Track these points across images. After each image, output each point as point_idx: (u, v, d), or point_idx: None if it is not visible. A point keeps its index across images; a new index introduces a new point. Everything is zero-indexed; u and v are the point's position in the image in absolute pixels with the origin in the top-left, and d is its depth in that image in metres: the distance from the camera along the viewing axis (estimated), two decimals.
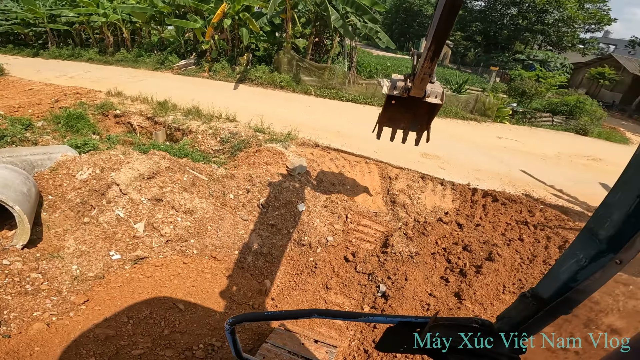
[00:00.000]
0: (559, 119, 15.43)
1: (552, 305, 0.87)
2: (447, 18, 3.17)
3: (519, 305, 0.94)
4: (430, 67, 3.84)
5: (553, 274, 0.87)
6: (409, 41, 36.62)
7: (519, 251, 5.93)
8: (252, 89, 13.74)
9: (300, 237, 5.76)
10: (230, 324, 1.05)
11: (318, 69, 14.28)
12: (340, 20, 12.63)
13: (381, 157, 8.23)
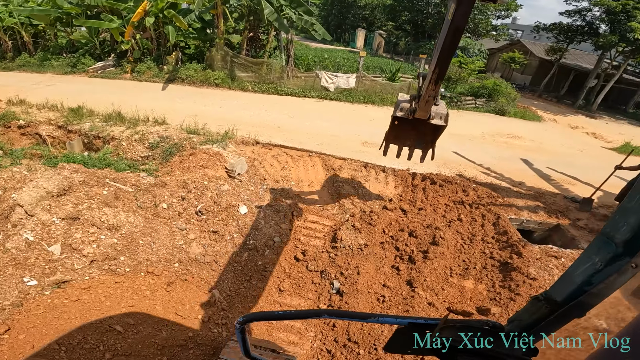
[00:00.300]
0: (480, 102, 16.77)
1: (566, 308, 0.86)
2: (451, 42, 3.32)
3: (531, 307, 0.94)
4: (435, 89, 3.97)
5: (567, 277, 0.86)
6: (345, 32, 37.13)
7: (459, 231, 6.27)
8: (183, 89, 12.85)
9: (246, 241, 5.49)
10: (240, 322, 1.04)
11: (254, 64, 13.82)
12: (275, 14, 12.33)
13: (323, 149, 8.18)
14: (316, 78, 13.62)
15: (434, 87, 3.94)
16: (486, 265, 5.54)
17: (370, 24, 35.47)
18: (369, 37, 33.31)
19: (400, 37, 31.78)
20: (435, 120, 4.69)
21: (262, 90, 12.85)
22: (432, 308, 4.70)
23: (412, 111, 4.67)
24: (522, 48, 27.41)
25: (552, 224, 6.87)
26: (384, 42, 33.45)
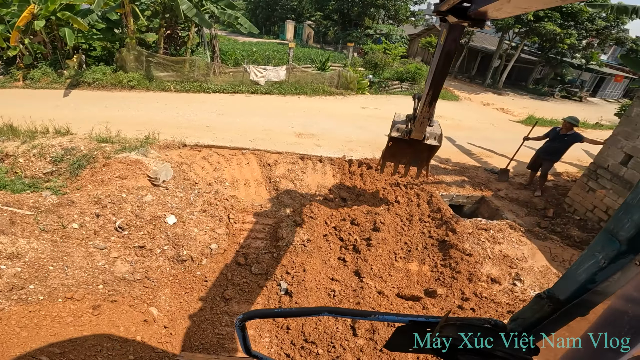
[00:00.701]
0: (406, 85, 17.67)
1: (569, 306, 0.85)
2: (443, 64, 3.50)
3: (534, 306, 0.93)
4: (429, 111, 4.12)
5: (570, 275, 0.85)
6: (274, 24, 36.35)
7: (398, 214, 6.46)
8: (91, 94, 11.42)
9: (179, 252, 5.05)
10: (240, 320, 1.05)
11: (175, 62, 12.82)
12: (194, 9, 11.56)
13: (257, 145, 7.86)
14: (245, 73, 13.09)
15: (429, 108, 4.09)
16: (427, 245, 5.76)
17: (299, 15, 35.23)
18: (298, 28, 33.05)
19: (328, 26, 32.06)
20: (430, 141, 4.86)
21: (185, 90, 11.96)
22: (383, 297, 4.76)
23: (407, 132, 4.83)
24: (437, 33, 29.24)
25: (478, 197, 7.44)
26: (314, 33, 33.51)
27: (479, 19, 2.61)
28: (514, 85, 26.65)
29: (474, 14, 2.51)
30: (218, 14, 12.99)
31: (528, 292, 4.91)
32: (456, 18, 2.66)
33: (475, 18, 2.59)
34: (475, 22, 2.65)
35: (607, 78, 28.68)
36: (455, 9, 2.60)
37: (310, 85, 14.25)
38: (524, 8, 1.88)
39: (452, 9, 2.63)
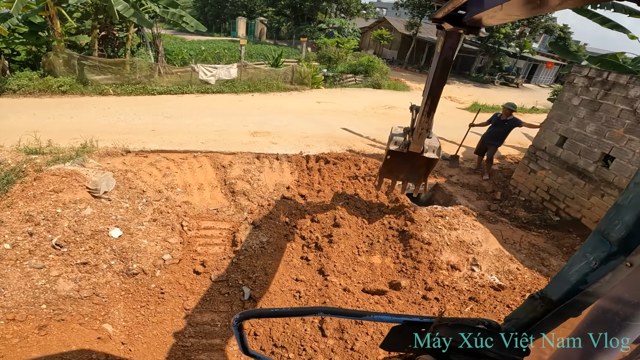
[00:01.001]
0: (359, 78, 17.91)
1: (561, 307, 0.85)
2: (441, 72, 3.45)
3: (527, 306, 0.93)
4: (428, 122, 4.02)
5: (562, 275, 0.86)
6: (225, 22, 35.08)
7: (358, 207, 6.48)
8: (17, 102, 10.23)
9: (128, 266, 4.71)
10: (237, 319, 1.05)
11: (113, 64, 11.90)
12: (131, 9, 10.85)
13: (210, 147, 7.51)
14: (193, 72, 12.47)
15: (427, 119, 3.97)
16: (388, 237, 5.81)
17: (251, 12, 34.35)
18: (250, 24, 32.20)
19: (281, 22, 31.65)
20: (429, 154, 4.67)
21: (127, 93, 11.13)
22: (348, 294, 4.75)
23: (406, 144, 4.65)
24: (387, 25, 30.05)
25: (433, 184, 7.70)
26: (266, 29, 32.89)
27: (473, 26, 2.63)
28: (459, 74, 28.08)
29: (469, 21, 2.53)
30: (160, 13, 12.38)
31: (486, 277, 5.11)
32: (452, 25, 2.67)
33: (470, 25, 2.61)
34: (470, 29, 2.68)
35: (540, 65, 31.18)
36: (450, 16, 2.61)
37: (263, 82, 13.94)
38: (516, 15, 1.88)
39: (448, 17, 2.62)
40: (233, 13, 33.29)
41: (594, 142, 6.07)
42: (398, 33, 28.85)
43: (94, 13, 11.87)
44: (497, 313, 4.50)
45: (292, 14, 30.34)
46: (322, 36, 23.94)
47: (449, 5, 2.44)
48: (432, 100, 3.78)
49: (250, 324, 4.43)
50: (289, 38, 30.05)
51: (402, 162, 5.19)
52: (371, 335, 4.14)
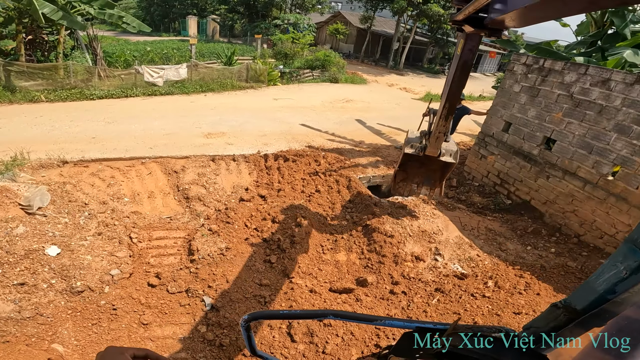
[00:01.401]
0: (317, 73, 17.83)
1: (586, 317, 0.82)
2: (460, 75, 3.39)
3: (548, 315, 0.90)
4: (445, 125, 3.98)
5: (589, 285, 0.83)
6: (174, 21, 33.31)
7: (320, 203, 6.40)
8: None
9: (71, 284, 4.36)
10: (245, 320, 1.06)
11: (44, 69, 10.88)
12: (60, 12, 10.09)
13: (159, 152, 7.06)
14: (137, 74, 11.69)
15: (445, 122, 3.93)
16: (352, 232, 5.75)
17: (202, 10, 32.94)
18: (202, 23, 30.87)
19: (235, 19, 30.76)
20: (445, 158, 4.59)
21: (61, 98, 10.17)
22: (315, 295, 4.64)
23: (422, 148, 4.57)
24: (343, 19, 30.19)
25: (393, 175, 7.79)
26: (219, 27, 31.77)
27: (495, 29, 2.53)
28: (412, 65, 28.93)
29: (491, 23, 2.44)
30: (96, 15, 11.61)
31: (449, 266, 5.21)
32: (473, 28, 2.59)
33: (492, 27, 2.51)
34: (492, 31, 2.58)
35: (484, 55, 32.92)
36: (471, 18, 2.52)
37: (217, 81, 13.41)
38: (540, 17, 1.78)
39: (468, 19, 2.54)
40: (182, 12, 31.76)
41: (536, 126, 6.43)
42: (353, 27, 29.09)
43: (17, 17, 10.83)
44: (462, 303, 4.59)
45: (246, 11, 29.57)
46: (277, 32, 23.55)
47: (469, 7, 2.35)
48: (451, 104, 3.77)
49: (216, 334, 4.23)
50: (243, 35, 29.30)
51: (418, 166, 5.14)
52: (342, 337, 4.08)
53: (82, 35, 12.90)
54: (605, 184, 5.46)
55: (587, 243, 5.79)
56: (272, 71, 15.43)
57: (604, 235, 5.55)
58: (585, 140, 5.66)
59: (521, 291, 4.75)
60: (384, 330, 4.15)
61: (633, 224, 5.15)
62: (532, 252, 5.61)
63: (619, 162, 5.25)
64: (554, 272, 5.20)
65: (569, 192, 5.94)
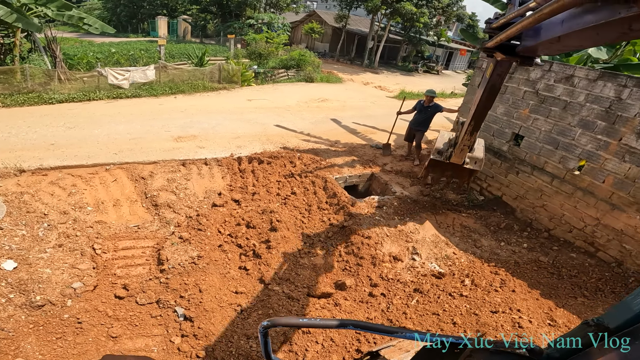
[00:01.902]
0: (292, 72, 17.68)
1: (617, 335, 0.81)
2: (487, 98, 3.54)
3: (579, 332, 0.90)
4: (470, 139, 4.27)
5: (625, 304, 0.85)
6: (142, 22, 32.13)
7: (296, 206, 6.27)
8: None
9: (30, 298, 4.11)
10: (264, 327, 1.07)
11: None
12: (15, 14, 9.60)
13: (125, 157, 6.72)
14: (100, 77, 11.15)
15: (470, 137, 4.21)
16: (329, 235, 5.67)
17: (173, 10, 31.96)
18: (172, 24, 29.94)
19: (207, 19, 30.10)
20: (470, 165, 4.94)
21: (18, 103, 9.53)
22: (293, 301, 4.51)
23: (447, 156, 4.88)
24: (318, 18, 30.12)
25: (369, 174, 7.77)
26: (191, 27, 30.99)
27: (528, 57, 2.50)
28: (387, 63, 29.27)
29: (523, 51, 2.40)
30: (54, 17, 11.14)
31: (427, 265, 5.20)
32: (504, 55, 2.56)
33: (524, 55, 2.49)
34: (524, 59, 2.55)
35: (455, 52, 33.81)
36: (503, 45, 2.49)
37: (187, 82, 13.00)
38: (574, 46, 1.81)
39: (500, 46, 2.51)
40: (151, 12, 30.71)
41: (505, 123, 6.57)
42: (329, 26, 29.08)
43: None
44: (441, 303, 4.58)
45: (219, 11, 28.98)
46: (251, 32, 23.18)
47: (502, 35, 2.31)
48: (476, 122, 3.98)
49: (191, 345, 4.06)
50: (216, 36, 28.72)
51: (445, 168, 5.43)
52: (321, 344, 3.98)
53: (40, 37, 12.25)
54: (572, 179, 5.63)
55: (557, 237, 5.94)
56: (245, 71, 15.14)
57: (572, 229, 5.72)
58: (552, 135, 5.82)
59: (497, 288, 4.80)
60: (364, 335, 4.08)
61: (600, 217, 5.33)
62: (506, 248, 5.71)
63: (585, 156, 5.43)
64: (527, 268, 5.30)
65: (538, 187, 6.10)
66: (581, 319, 4.40)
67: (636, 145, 4.84)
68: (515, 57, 2.61)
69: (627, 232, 5.06)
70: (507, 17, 2.40)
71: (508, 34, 2.20)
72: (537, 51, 2.27)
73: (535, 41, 2.06)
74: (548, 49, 2.09)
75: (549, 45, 1.89)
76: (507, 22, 2.39)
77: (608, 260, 5.34)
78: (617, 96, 4.98)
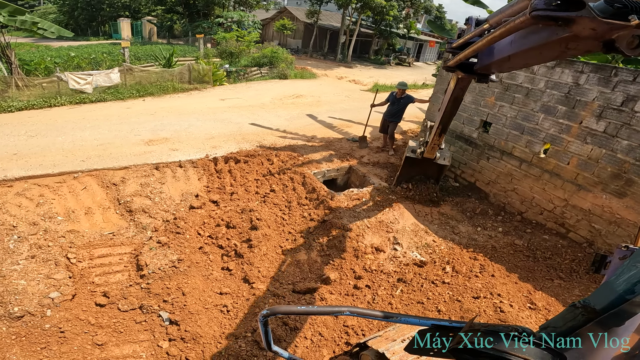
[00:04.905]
0: (265, 70, 17.50)
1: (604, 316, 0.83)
2: (452, 108, 4.05)
3: (567, 315, 0.91)
4: (440, 140, 5.01)
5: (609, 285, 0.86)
6: (102, 24, 30.73)
7: (276, 203, 6.24)
8: None
9: (8, 310, 3.99)
10: (264, 315, 1.11)
11: None
12: None
13: (93, 164, 6.46)
14: (60, 82, 10.63)
15: (439, 138, 4.93)
16: (310, 230, 5.68)
17: (135, 12, 30.74)
18: (136, 25, 28.83)
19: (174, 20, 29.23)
20: (440, 160, 5.88)
21: None
22: (279, 299, 4.50)
23: (421, 153, 5.74)
24: (289, 15, 29.88)
25: (346, 167, 7.84)
26: (157, 28, 29.99)
27: (484, 74, 2.80)
28: (359, 57, 29.49)
29: (480, 69, 2.68)
30: (5, 22, 10.53)
31: (408, 254, 5.29)
32: (464, 73, 2.86)
33: (480, 73, 2.78)
34: (481, 76, 2.85)
35: (425, 44, 34.50)
36: (462, 64, 2.81)
37: (156, 84, 12.60)
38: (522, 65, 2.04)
39: (460, 65, 2.81)
40: (112, 15, 29.44)
41: (473, 111, 6.80)
42: (300, 22, 28.91)
43: None
44: (424, 291, 4.68)
45: (186, 11, 28.21)
46: (220, 31, 22.71)
47: (460, 55, 2.56)
48: (444, 126, 4.63)
49: (180, 349, 4.02)
50: (184, 36, 27.98)
51: (417, 168, 6.37)
52: (310, 339, 4.02)
53: None
54: (538, 162, 5.91)
55: (530, 220, 6.18)
56: (217, 71, 14.85)
57: (543, 211, 5.99)
58: (517, 121, 6.09)
59: (477, 274, 4.94)
60: (352, 328, 4.14)
61: (569, 198, 5.59)
62: (483, 233, 5.90)
63: (549, 140, 5.71)
64: (504, 252, 5.47)
65: (508, 171, 6.37)
66: (559, 301, 4.60)
67: (596, 127, 5.12)
68: (473, 75, 2.89)
69: (595, 212, 5.31)
70: (464, 38, 2.62)
71: (466, 54, 2.42)
72: (491, 69, 2.52)
73: (489, 60, 2.27)
74: (500, 67, 2.34)
75: (501, 64, 2.11)
76: (465, 42, 2.60)
77: (579, 240, 5.56)
78: (575, 82, 5.26)
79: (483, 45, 1.82)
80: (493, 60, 2.14)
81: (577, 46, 1.29)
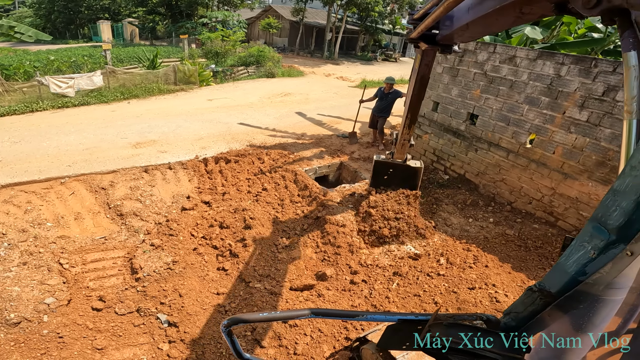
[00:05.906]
0: (252, 69, 17.39)
1: (561, 299, 0.81)
2: (419, 90, 3.81)
3: (526, 299, 0.90)
4: (409, 133, 4.58)
5: (560, 267, 0.82)
6: (81, 27, 29.98)
7: (268, 202, 6.25)
8: None
9: (5, 316, 3.94)
10: (225, 325, 1.06)
11: None
12: None
13: (80, 169, 6.36)
14: (41, 86, 10.38)
15: (408, 131, 4.52)
16: (304, 227, 5.69)
17: (116, 14, 30.09)
18: (116, 27, 28.23)
19: (156, 21, 28.71)
20: (411, 162, 5.26)
21: None
22: (276, 296, 4.51)
23: (391, 154, 5.22)
24: (274, 13, 29.69)
25: (338, 163, 7.89)
26: (139, 30, 29.43)
27: (447, 45, 2.80)
28: (346, 54, 29.54)
29: (442, 40, 2.69)
30: None
31: (403, 248, 5.34)
32: (427, 44, 2.84)
33: (443, 44, 2.78)
34: (444, 47, 2.84)
35: None
36: (425, 35, 2.77)
37: (140, 86, 12.41)
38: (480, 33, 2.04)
39: (423, 36, 2.77)
40: (91, 17, 28.76)
41: (460, 104, 6.92)
42: (286, 20, 28.76)
43: None
44: (420, 284, 4.73)
45: (168, 12, 27.73)
46: (205, 31, 22.44)
47: (421, 25, 2.54)
48: (412, 114, 4.23)
49: (181, 351, 4.01)
50: (167, 37, 27.56)
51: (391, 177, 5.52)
52: (310, 335, 4.03)
53: None
54: (525, 152, 6.05)
55: (519, 209, 6.29)
56: (203, 71, 14.71)
57: (532, 201, 6.13)
58: (502, 113, 6.22)
59: (471, 265, 5.00)
60: (352, 323, 4.17)
61: (556, 187, 5.73)
62: (474, 224, 6.00)
63: (534, 130, 5.85)
64: (496, 242, 5.56)
65: (496, 162, 6.51)
66: None
67: (579, 117, 5.27)
68: (436, 46, 2.90)
69: (582, 200, 5.44)
70: (424, 8, 2.63)
71: (427, 24, 2.44)
72: (453, 39, 2.56)
73: (450, 29, 2.30)
74: (461, 36, 2.37)
75: (461, 32, 2.14)
76: (425, 13, 2.61)
77: (568, 229, 5.67)
78: (556, 73, 5.40)
79: (440, 12, 1.85)
80: (453, 29, 2.18)
81: (531, 10, 1.32)
